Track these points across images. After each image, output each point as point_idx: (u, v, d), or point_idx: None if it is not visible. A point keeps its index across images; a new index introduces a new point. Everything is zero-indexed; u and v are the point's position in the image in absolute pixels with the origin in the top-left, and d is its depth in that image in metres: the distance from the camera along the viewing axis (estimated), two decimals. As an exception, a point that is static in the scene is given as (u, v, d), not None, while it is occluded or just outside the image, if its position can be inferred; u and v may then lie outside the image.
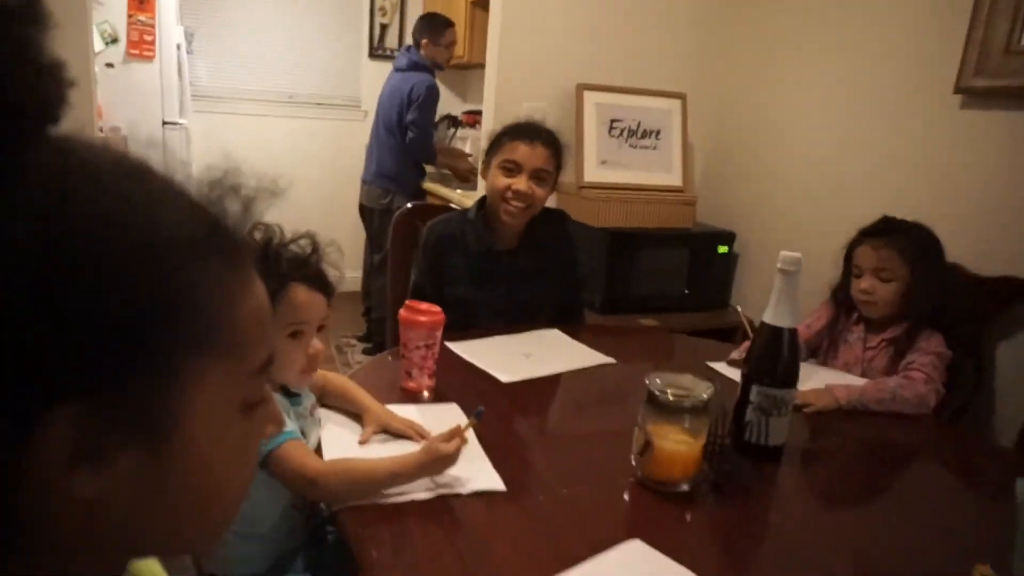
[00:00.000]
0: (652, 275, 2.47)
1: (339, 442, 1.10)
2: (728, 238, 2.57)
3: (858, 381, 1.52)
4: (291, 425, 0.99)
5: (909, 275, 1.59)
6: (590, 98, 2.55)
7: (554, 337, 1.70)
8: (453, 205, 2.86)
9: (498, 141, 1.71)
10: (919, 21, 2.03)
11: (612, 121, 2.56)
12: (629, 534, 0.92)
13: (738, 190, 2.68)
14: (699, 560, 0.89)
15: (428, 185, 3.64)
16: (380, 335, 3.50)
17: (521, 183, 1.65)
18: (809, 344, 1.76)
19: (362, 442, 1.11)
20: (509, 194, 1.65)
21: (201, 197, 0.41)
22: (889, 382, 1.48)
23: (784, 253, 1.14)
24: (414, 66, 3.43)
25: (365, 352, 3.69)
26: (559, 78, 2.60)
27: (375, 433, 1.13)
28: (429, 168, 3.73)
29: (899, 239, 1.62)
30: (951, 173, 1.93)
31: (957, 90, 1.89)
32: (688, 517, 1.02)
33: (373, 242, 3.61)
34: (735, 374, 1.44)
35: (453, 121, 4.19)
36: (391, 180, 3.47)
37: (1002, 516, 0.61)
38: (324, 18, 4.42)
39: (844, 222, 1.75)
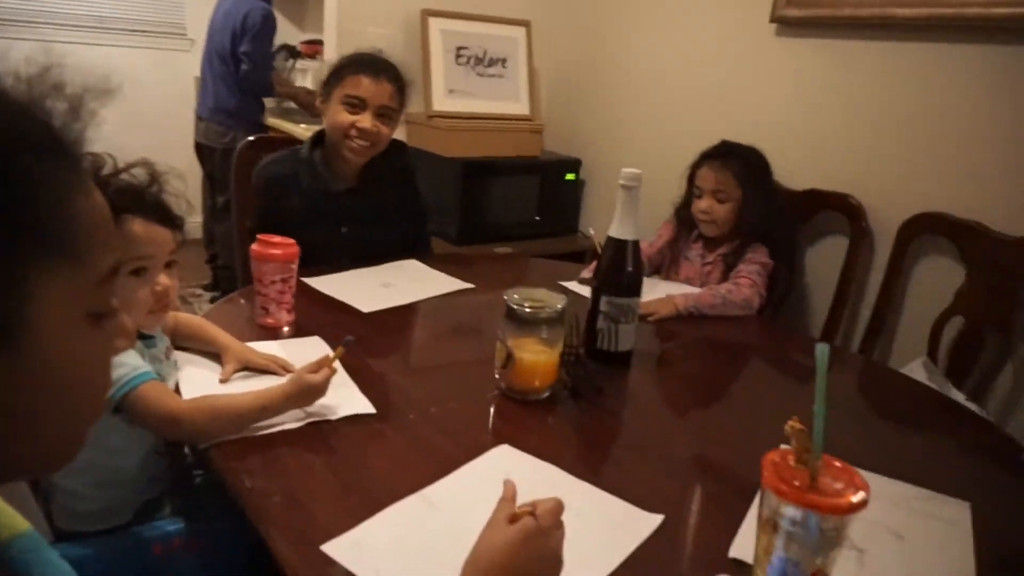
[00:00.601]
0: (504, 204, 2.52)
1: (199, 382, 1.07)
2: (574, 165, 2.67)
3: (695, 291, 1.66)
4: (147, 366, 0.95)
5: (742, 196, 1.75)
6: (435, 25, 2.50)
7: (412, 267, 1.71)
8: (300, 139, 2.74)
9: (340, 73, 1.62)
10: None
11: (458, 49, 2.54)
12: (497, 441, 0.98)
13: (583, 118, 2.77)
14: (562, 457, 0.97)
15: (270, 120, 3.44)
16: (229, 283, 3.33)
17: (366, 121, 1.58)
18: (652, 261, 1.89)
19: (223, 380, 1.09)
20: (353, 132, 1.58)
21: (19, 94, 0.39)
22: (720, 288, 1.64)
23: (625, 170, 1.22)
24: None
25: (213, 302, 3.51)
26: (403, 3, 2.52)
27: (236, 371, 1.11)
28: (269, 102, 3.52)
29: (734, 162, 1.77)
30: (770, 96, 2.11)
31: (772, 19, 2.05)
32: (550, 421, 1.09)
33: (215, 183, 3.38)
34: (586, 291, 1.54)
35: (291, 52, 3.96)
36: (231, 115, 3.24)
37: (812, 392, 0.72)
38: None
39: (684, 146, 1.88)
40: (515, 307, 1.08)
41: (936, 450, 1.15)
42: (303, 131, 3.09)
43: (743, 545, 0.80)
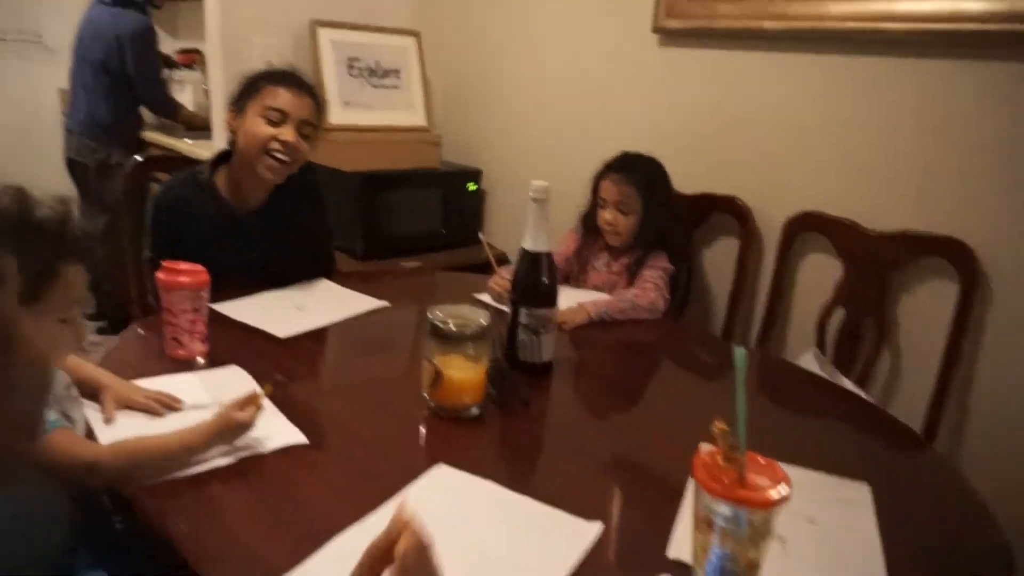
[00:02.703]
0: (407, 217, 2.51)
1: (109, 425, 1.01)
2: (475, 175, 2.69)
3: (604, 297, 1.73)
4: (52, 414, 0.89)
5: (643, 208, 1.83)
6: (325, 35, 2.46)
7: (324, 287, 1.68)
8: (190, 156, 2.62)
9: (256, 85, 1.55)
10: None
11: (350, 60, 2.51)
12: (433, 461, 0.99)
13: (480, 128, 2.80)
14: (498, 471, 0.99)
15: (149, 135, 3.26)
16: (117, 311, 3.11)
17: (288, 133, 1.52)
18: (561, 270, 1.94)
19: (107, 421, 1.02)
20: (275, 145, 1.51)
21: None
22: (627, 294, 1.71)
23: (534, 182, 1.25)
24: (123, 0, 3.01)
25: (100, 332, 3.27)
26: (290, 13, 2.48)
27: (118, 410, 1.04)
28: (147, 116, 3.33)
29: (635, 176, 1.85)
30: (659, 104, 2.21)
31: (654, 29, 2.15)
32: (482, 436, 1.11)
33: (92, 203, 3.16)
34: (491, 300, 1.58)
35: (166, 61, 3.76)
36: (105, 130, 3.04)
37: (726, 389, 0.78)
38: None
39: (581, 154, 1.95)
40: (440, 325, 1.09)
41: (832, 436, 1.25)
42: (190, 147, 2.95)
43: (679, 545, 0.85)
